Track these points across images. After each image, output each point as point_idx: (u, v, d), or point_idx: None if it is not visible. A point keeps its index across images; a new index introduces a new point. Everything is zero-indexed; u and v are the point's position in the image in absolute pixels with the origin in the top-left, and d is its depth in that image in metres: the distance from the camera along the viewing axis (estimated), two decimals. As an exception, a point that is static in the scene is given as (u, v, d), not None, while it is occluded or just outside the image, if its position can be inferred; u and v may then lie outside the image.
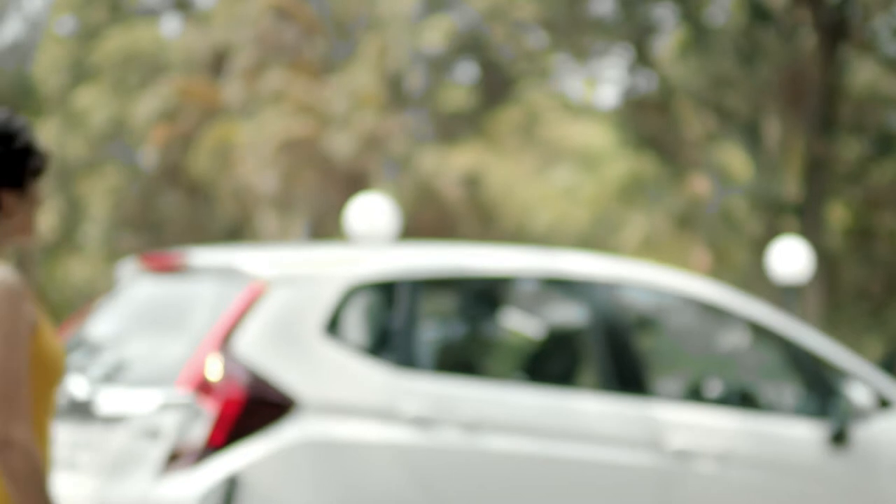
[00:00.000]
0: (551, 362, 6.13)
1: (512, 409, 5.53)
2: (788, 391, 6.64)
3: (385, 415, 5.30)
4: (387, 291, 5.58)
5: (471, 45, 25.33)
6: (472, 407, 5.44)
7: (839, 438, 6.19)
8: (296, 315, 5.33)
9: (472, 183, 32.16)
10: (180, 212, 30.29)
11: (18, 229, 3.06)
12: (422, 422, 5.35)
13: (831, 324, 22.78)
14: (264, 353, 5.23)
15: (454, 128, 26.14)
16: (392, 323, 5.51)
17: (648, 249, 30.08)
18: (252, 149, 26.80)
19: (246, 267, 5.45)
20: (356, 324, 5.58)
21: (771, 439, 6.10)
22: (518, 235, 35.50)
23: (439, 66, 25.30)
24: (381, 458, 5.28)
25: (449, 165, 30.98)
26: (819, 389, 6.34)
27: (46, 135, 30.69)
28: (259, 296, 5.34)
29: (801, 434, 6.17)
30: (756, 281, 24.17)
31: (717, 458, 5.89)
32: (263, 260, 5.51)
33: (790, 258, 15.25)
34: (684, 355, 6.90)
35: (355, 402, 5.28)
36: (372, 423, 5.29)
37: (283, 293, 5.36)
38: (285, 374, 5.22)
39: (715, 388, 6.58)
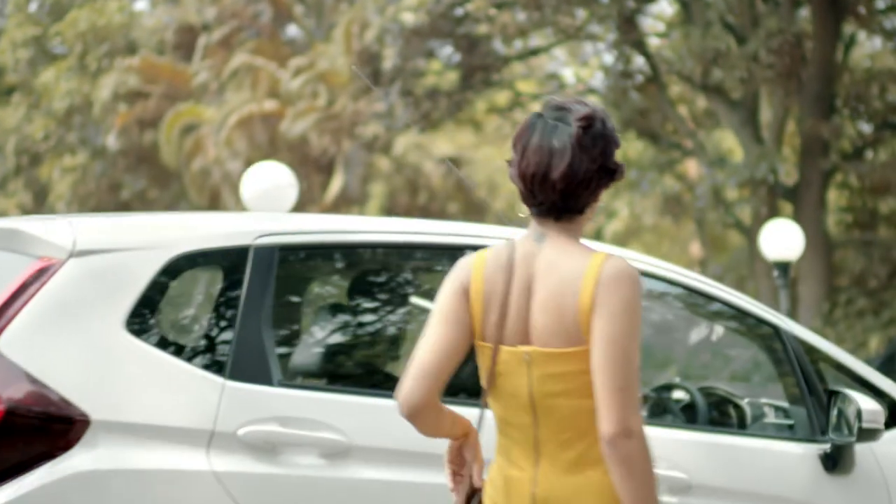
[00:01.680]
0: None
1: (396, 430, 4.08)
2: (774, 400, 5.20)
3: (212, 437, 3.86)
4: (228, 267, 4.12)
5: (450, 24, 23.86)
6: (337, 426, 4.00)
7: (838, 460, 4.75)
8: (93, 299, 3.85)
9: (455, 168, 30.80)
10: (150, 194, 28.87)
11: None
12: (264, 447, 3.91)
13: (829, 310, 21.54)
14: (44, 350, 3.74)
15: (433, 110, 24.65)
16: (233, 311, 4.04)
17: (638, 234, 28.74)
18: (216, 129, 25.37)
19: (35, 234, 3.99)
20: (179, 312, 4.14)
21: (749, 462, 4.64)
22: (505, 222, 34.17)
23: (416, 46, 23.80)
24: (204, 494, 3.83)
25: (429, 149, 29.63)
26: (813, 398, 4.89)
27: (13, 115, 29.34)
28: (45, 272, 3.87)
29: (790, 455, 4.73)
30: (750, 266, 22.90)
31: (677, 489, 4.44)
32: (60, 226, 4.04)
33: (782, 239, 13.80)
34: (644, 354, 5.43)
35: (170, 418, 3.83)
36: (193, 447, 3.83)
37: (77, 269, 3.88)
38: (72, 380, 3.74)
39: (676, 395, 5.14)
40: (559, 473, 3.06)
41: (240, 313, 3.99)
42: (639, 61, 23.95)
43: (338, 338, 4.61)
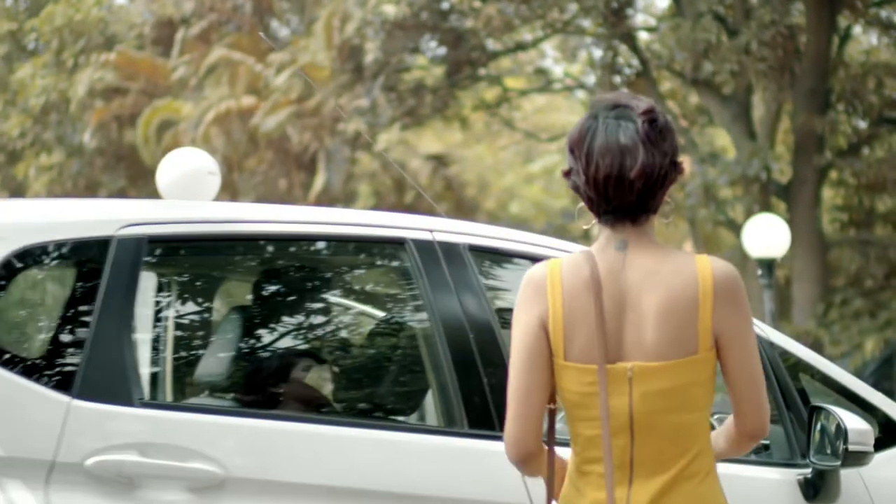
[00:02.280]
0: (361, 381, 3.99)
1: (283, 459, 3.40)
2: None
3: (52, 469, 3.18)
4: (83, 263, 3.43)
5: (434, 17, 23.18)
6: (211, 455, 3.31)
7: (820, 488, 4.07)
8: None
9: (442, 165, 30.15)
10: (129, 193, 28.16)
11: None
12: (118, 480, 3.23)
13: (824, 312, 20.90)
14: None
15: (418, 106, 23.99)
16: (86, 316, 3.35)
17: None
18: (193, 125, 24.67)
19: None
20: (19, 317, 3.45)
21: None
22: (494, 222, 33.62)
23: (400, 40, 23.08)
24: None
25: (415, 146, 28.97)
26: (791, 415, 4.21)
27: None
28: None
29: (764, 482, 4.04)
30: (742, 266, 22.30)
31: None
32: None
33: (766, 236, 12.99)
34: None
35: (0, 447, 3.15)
36: (28, 481, 3.15)
37: None
38: None
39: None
40: (653, 495, 2.94)
41: (95, 318, 3.30)
42: (629, 56, 23.36)
43: (219, 349, 3.91)
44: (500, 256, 3.96)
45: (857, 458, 3.99)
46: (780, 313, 21.58)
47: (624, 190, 2.93)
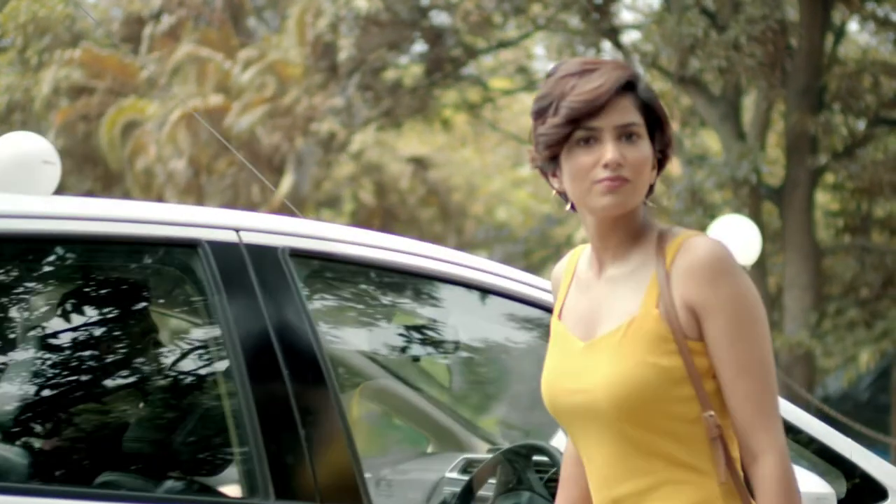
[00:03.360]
0: (127, 439, 2.99)
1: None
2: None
3: None
4: None
5: (414, 13, 22.24)
6: None
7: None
8: None
9: (422, 169, 29.23)
10: (98, 195, 27.16)
11: None
12: None
13: (817, 322, 19.95)
14: None
15: (396, 106, 23.02)
16: None
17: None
18: (158, 125, 23.70)
19: None
20: None
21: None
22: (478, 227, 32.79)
23: (376, 37, 22.11)
24: None
25: (393, 149, 28.06)
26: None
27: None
28: None
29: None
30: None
31: None
32: None
33: (733, 239, 11.85)
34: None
35: None
36: None
37: None
38: None
39: (536, 461, 3.49)
40: None
41: None
42: (614, 54, 22.48)
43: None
44: (333, 264, 2.96)
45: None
46: (770, 323, 20.62)
47: None
